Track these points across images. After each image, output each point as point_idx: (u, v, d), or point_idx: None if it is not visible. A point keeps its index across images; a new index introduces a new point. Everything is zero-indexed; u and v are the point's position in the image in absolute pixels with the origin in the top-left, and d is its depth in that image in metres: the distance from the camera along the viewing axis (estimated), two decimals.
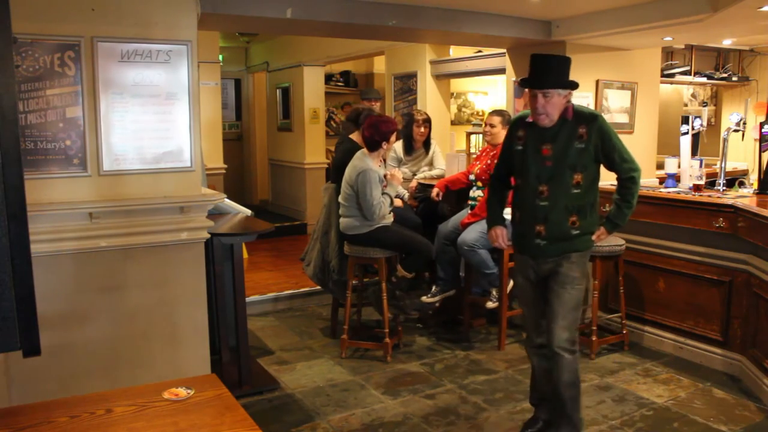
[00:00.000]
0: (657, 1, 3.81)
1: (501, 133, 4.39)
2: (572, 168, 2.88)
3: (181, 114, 3.03)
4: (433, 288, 4.65)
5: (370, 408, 3.56)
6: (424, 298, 4.60)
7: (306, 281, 5.20)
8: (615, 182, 4.73)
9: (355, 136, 4.54)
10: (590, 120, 2.90)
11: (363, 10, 3.82)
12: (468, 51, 6.58)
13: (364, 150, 4.17)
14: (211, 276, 3.69)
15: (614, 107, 4.81)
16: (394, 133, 4.21)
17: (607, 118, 4.78)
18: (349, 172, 4.12)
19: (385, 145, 4.14)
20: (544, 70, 2.90)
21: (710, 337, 4.14)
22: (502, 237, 3.18)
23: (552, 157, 2.89)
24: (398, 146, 5.25)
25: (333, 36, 5.83)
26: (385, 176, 4.19)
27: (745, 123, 5.58)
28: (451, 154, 5.34)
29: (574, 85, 2.91)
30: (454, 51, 6.89)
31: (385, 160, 4.55)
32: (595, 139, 2.88)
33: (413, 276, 4.57)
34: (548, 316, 3.00)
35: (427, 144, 5.22)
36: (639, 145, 5.00)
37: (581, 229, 2.95)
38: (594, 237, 3.03)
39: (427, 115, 5.23)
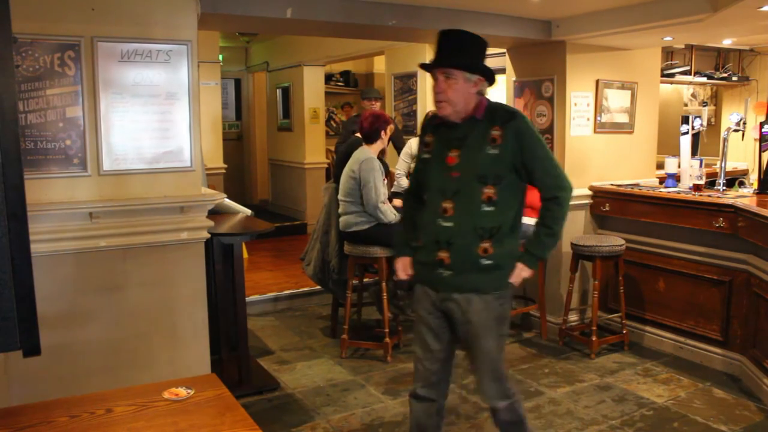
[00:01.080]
0: (657, 1, 3.81)
1: None
2: (482, 180, 2.31)
3: (181, 114, 3.03)
4: None
5: (370, 408, 3.56)
6: None
7: (306, 281, 5.20)
8: (616, 182, 4.79)
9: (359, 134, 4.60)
10: (506, 119, 2.34)
11: (363, 10, 3.82)
12: None
13: (365, 146, 4.24)
14: (211, 276, 3.69)
15: (614, 107, 4.81)
16: (391, 124, 4.36)
17: (607, 118, 4.79)
18: (350, 164, 4.17)
19: (383, 134, 4.26)
20: (449, 48, 2.35)
21: (710, 337, 4.14)
22: (404, 269, 2.57)
23: (459, 166, 2.33)
24: (415, 142, 5.29)
25: (333, 36, 5.83)
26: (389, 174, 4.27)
27: (745, 123, 5.58)
28: None
29: (488, 74, 2.37)
30: None
31: (385, 156, 4.58)
32: (511, 144, 2.32)
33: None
34: (472, 369, 2.54)
35: None
36: (639, 145, 5.01)
37: (495, 259, 2.34)
38: (512, 279, 2.41)
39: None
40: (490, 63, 6.92)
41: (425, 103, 6.61)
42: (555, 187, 2.39)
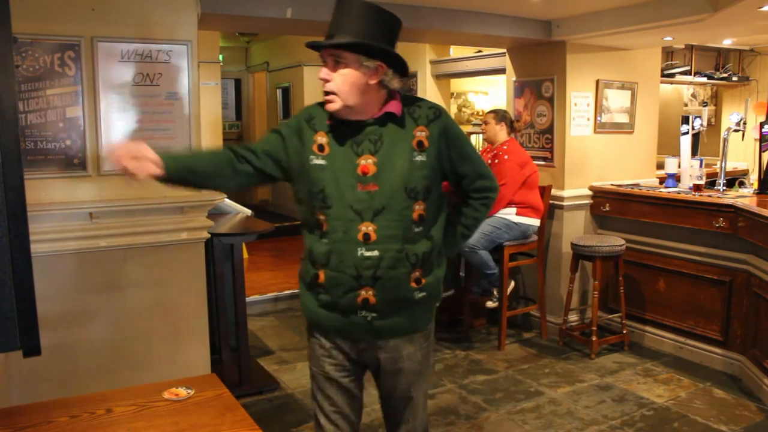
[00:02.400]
0: (657, 1, 3.81)
1: (495, 130, 4.42)
2: (412, 193, 1.83)
3: (181, 114, 3.03)
4: None
5: (370, 408, 3.55)
6: None
7: None
8: (616, 182, 4.79)
9: None
10: (432, 117, 1.87)
11: None
12: (468, 51, 6.58)
13: None
14: (211, 276, 3.69)
15: (614, 107, 4.81)
16: None
17: (607, 118, 4.79)
18: None
19: None
20: (341, 23, 1.82)
21: (710, 337, 4.14)
22: (129, 152, 1.78)
23: (378, 177, 1.82)
24: None
25: None
26: None
27: (745, 123, 5.58)
28: None
29: (393, 59, 1.83)
30: (454, 51, 6.89)
31: None
32: (439, 146, 1.87)
33: None
34: (390, 423, 2.10)
35: None
36: (639, 145, 5.01)
37: (427, 290, 1.92)
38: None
39: None
40: (490, 63, 6.89)
41: None
42: (486, 188, 1.99)
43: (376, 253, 1.82)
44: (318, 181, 1.84)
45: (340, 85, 1.80)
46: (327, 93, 1.82)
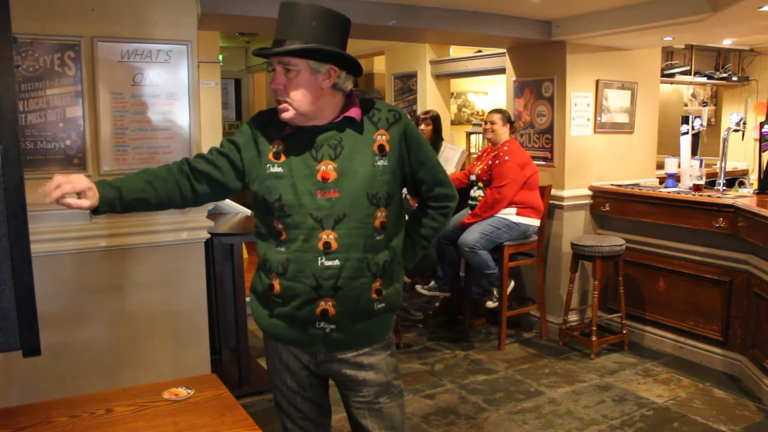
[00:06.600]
0: (657, 1, 3.81)
1: (502, 131, 4.42)
2: (374, 200, 1.77)
3: (181, 114, 3.03)
4: (431, 282, 4.67)
5: None
6: (418, 287, 4.64)
7: None
8: (616, 182, 4.79)
9: None
10: (392, 120, 1.82)
11: (363, 10, 3.82)
12: (468, 51, 6.58)
13: None
14: (211, 276, 3.69)
15: (614, 107, 4.81)
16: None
17: (607, 118, 4.79)
18: None
19: None
20: (288, 27, 1.73)
21: (710, 337, 4.14)
22: (65, 184, 1.62)
23: (339, 182, 1.75)
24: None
25: None
26: None
27: (745, 123, 5.58)
28: (451, 147, 5.31)
29: (345, 61, 1.77)
30: (454, 51, 6.89)
31: None
32: (400, 151, 1.81)
33: (411, 280, 4.58)
34: None
35: (434, 143, 5.15)
36: (639, 145, 5.01)
37: (387, 301, 1.86)
38: None
39: (433, 111, 5.22)
40: (490, 63, 6.88)
41: (425, 104, 6.62)
42: (444, 196, 1.95)
43: (336, 262, 1.74)
44: (274, 189, 1.77)
45: (293, 92, 1.73)
46: (279, 102, 1.76)
